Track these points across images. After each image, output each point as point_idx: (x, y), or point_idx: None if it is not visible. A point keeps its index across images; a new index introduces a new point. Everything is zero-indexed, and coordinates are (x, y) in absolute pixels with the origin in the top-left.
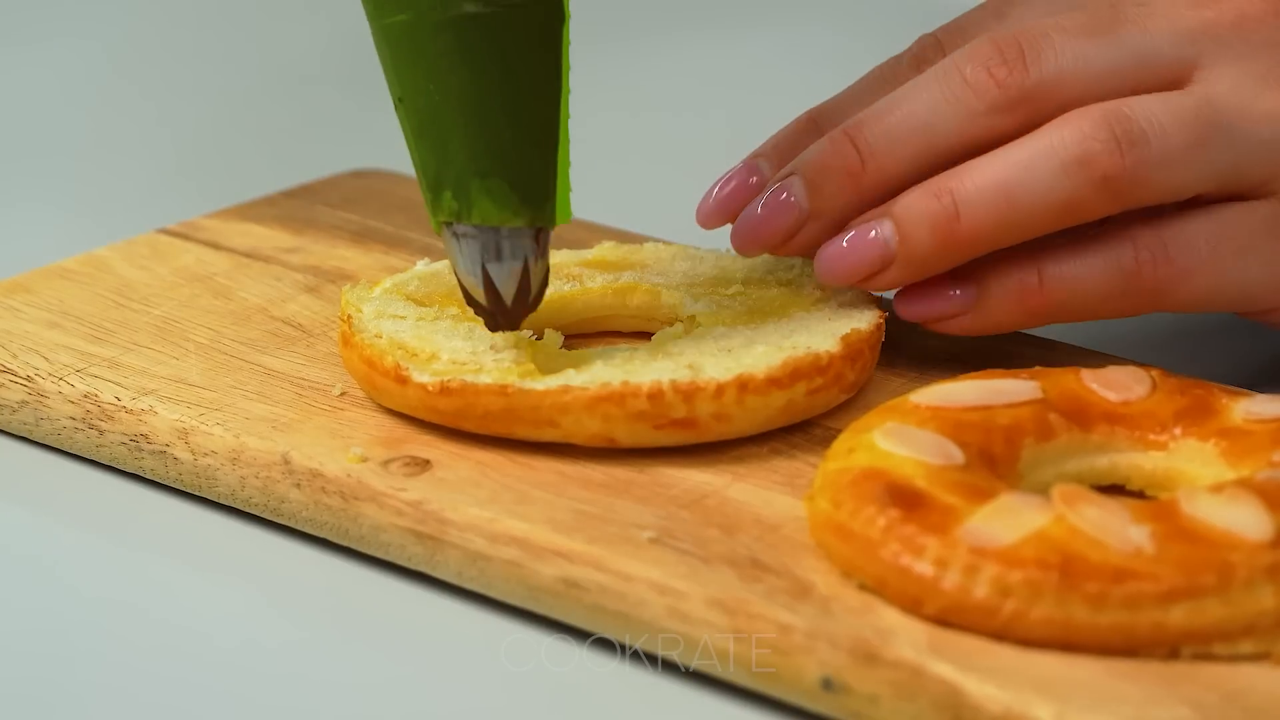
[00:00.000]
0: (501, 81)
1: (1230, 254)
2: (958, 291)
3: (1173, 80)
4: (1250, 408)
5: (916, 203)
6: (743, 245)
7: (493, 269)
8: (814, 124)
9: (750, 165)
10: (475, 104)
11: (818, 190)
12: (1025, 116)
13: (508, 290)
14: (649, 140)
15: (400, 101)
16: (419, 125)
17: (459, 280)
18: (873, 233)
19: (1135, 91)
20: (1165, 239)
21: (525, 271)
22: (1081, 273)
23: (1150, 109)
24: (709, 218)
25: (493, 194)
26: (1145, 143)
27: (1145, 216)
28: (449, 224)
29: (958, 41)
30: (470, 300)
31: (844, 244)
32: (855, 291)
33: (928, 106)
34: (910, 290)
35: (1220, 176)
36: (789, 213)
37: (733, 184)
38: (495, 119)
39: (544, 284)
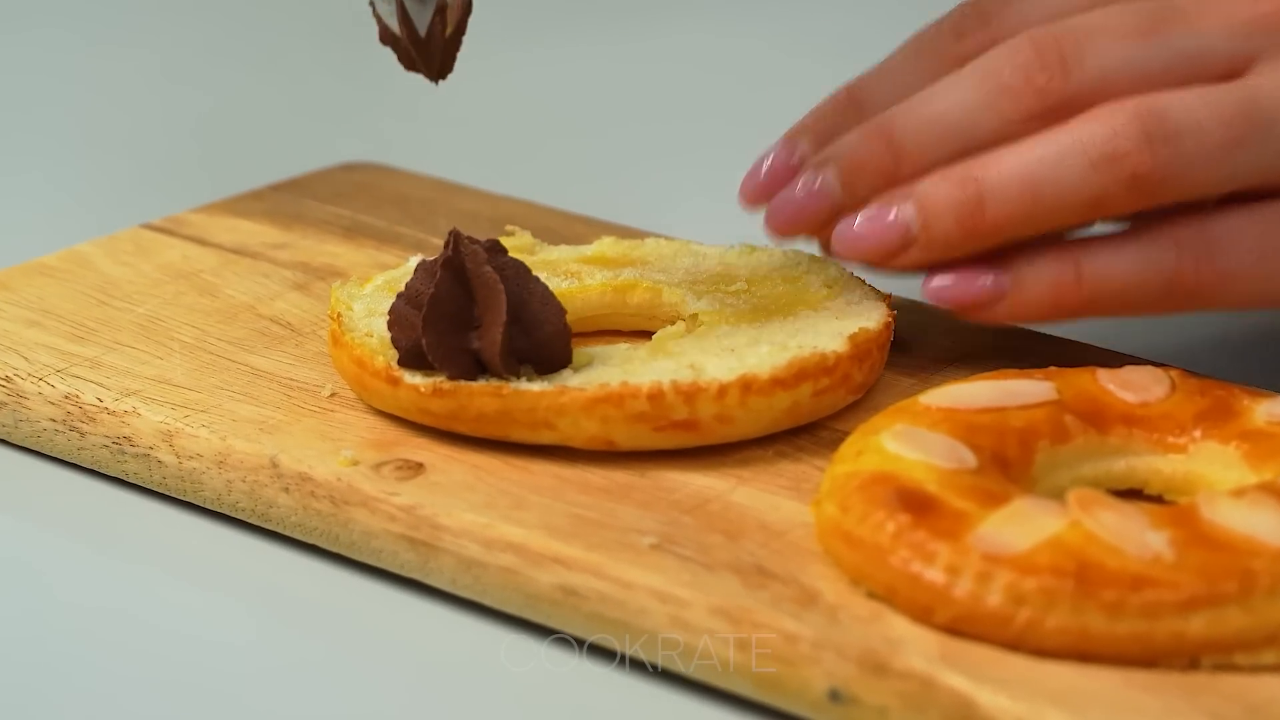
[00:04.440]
0: None
1: (1277, 255)
2: (990, 280)
3: (1225, 76)
4: (1273, 409)
5: (941, 188)
6: (778, 228)
7: (410, 3)
8: (852, 99)
9: (790, 143)
10: None
11: (851, 187)
12: (1062, 121)
13: (421, 21)
14: (650, 133)
15: None
16: None
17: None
18: (893, 214)
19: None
20: (1209, 240)
21: (443, 8)
22: (1121, 272)
23: (1188, 104)
24: (755, 195)
25: None
26: (1179, 140)
27: (1189, 212)
28: None
29: (1000, 10)
30: (386, 37)
31: (864, 221)
32: (863, 290)
33: (962, 108)
34: (939, 275)
35: (1262, 174)
36: (824, 202)
37: (774, 163)
38: None
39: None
